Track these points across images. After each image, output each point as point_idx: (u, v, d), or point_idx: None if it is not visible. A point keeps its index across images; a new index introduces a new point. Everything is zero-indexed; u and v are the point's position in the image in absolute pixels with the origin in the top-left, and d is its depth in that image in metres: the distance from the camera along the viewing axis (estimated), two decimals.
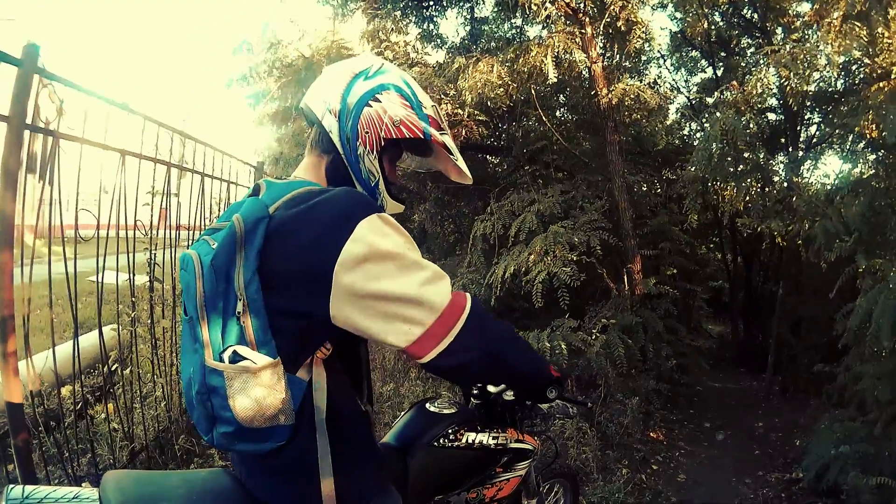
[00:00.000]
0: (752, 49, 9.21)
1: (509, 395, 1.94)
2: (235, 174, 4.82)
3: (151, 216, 3.58)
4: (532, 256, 5.77)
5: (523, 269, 5.81)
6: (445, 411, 1.95)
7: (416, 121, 1.39)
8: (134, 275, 3.42)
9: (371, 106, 1.37)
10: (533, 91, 7.05)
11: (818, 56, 5.55)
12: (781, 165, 7.86)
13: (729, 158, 5.90)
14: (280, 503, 1.33)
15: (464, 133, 6.78)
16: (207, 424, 1.21)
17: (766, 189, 6.78)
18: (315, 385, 1.26)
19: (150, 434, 3.59)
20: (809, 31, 6.45)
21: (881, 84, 4.58)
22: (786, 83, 5.97)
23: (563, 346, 5.27)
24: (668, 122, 10.05)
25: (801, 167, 7.29)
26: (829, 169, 9.59)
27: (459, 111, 6.65)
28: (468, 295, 1.32)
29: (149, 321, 3.66)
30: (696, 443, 5.85)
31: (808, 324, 8.09)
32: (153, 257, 3.63)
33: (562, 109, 9.23)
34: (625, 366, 5.55)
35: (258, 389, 1.15)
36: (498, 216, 6.56)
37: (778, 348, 8.06)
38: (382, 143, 1.38)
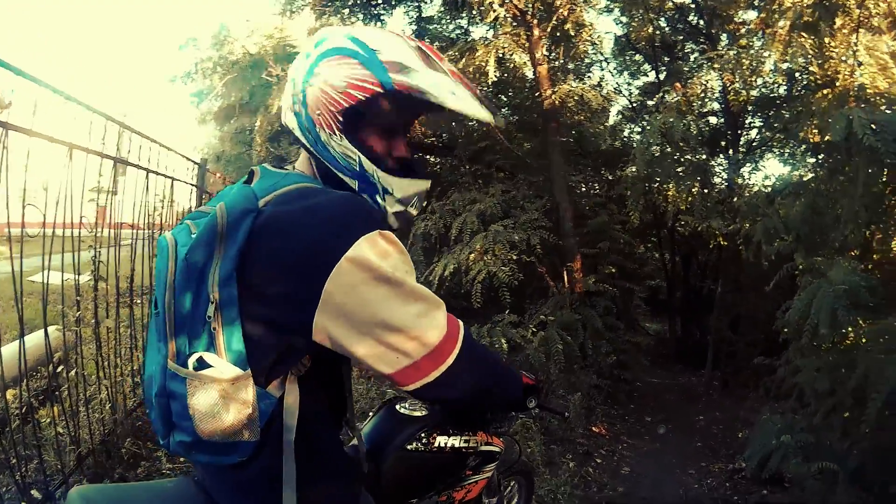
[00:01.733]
0: (696, 54, 9.47)
1: None
2: (179, 170, 4.72)
3: (97, 213, 3.46)
4: (472, 255, 5.85)
5: (463, 267, 5.88)
6: (416, 413, 1.88)
7: (365, 75, 1.13)
8: (79, 273, 3.29)
9: (312, 84, 1.17)
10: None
11: (763, 62, 5.77)
12: (722, 167, 8.11)
13: (669, 160, 6.06)
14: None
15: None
16: (165, 429, 1.11)
17: (707, 190, 6.99)
18: (286, 403, 1.13)
19: (96, 438, 3.47)
20: (754, 39, 6.66)
21: (825, 91, 4.78)
22: (729, 87, 6.18)
23: (503, 342, 5.36)
24: (610, 124, 10.27)
25: (742, 169, 7.54)
26: (768, 172, 9.94)
27: None
28: (461, 324, 1.20)
29: (93, 321, 3.54)
30: (639, 437, 5.98)
31: (746, 320, 8.39)
32: (97, 255, 3.51)
33: (504, 110, 9.34)
34: (563, 362, 5.65)
35: (222, 402, 1.03)
36: (439, 215, 6.65)
37: (717, 344, 8.31)
38: (340, 119, 1.16)
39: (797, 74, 6.69)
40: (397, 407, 1.92)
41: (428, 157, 10.19)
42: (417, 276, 6.09)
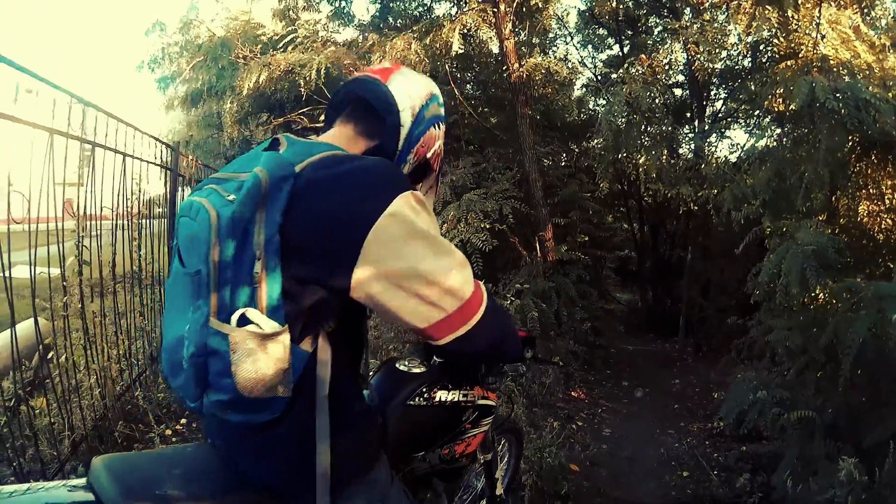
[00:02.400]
0: (660, 28, 9.61)
1: None
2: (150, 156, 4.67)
3: (78, 198, 3.45)
4: (446, 224, 5.93)
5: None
6: (415, 370, 1.96)
7: (441, 158, 1.52)
8: (64, 259, 3.29)
9: (435, 128, 1.45)
10: (446, 66, 7.15)
11: (728, 35, 5.91)
12: (688, 138, 8.28)
13: (636, 131, 6.17)
14: (269, 478, 1.27)
15: None
16: (197, 390, 1.12)
17: (675, 159, 7.14)
18: (319, 359, 1.19)
19: (88, 424, 3.48)
20: (718, 12, 6.78)
21: (789, 63, 4.91)
22: (694, 58, 6.31)
23: None
24: (575, 98, 10.39)
25: (708, 139, 7.70)
26: (734, 142, 10.12)
27: None
28: (482, 284, 1.31)
29: (79, 307, 3.54)
30: (617, 400, 6.16)
31: (716, 287, 8.63)
32: (80, 240, 3.48)
33: (470, 85, 9.40)
34: (539, 329, 5.79)
35: (263, 357, 1.07)
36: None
37: (689, 310, 8.54)
38: (422, 161, 1.45)
39: (761, 47, 6.83)
40: (397, 365, 1.99)
41: None
42: None
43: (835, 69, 4.27)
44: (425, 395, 1.87)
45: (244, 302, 1.07)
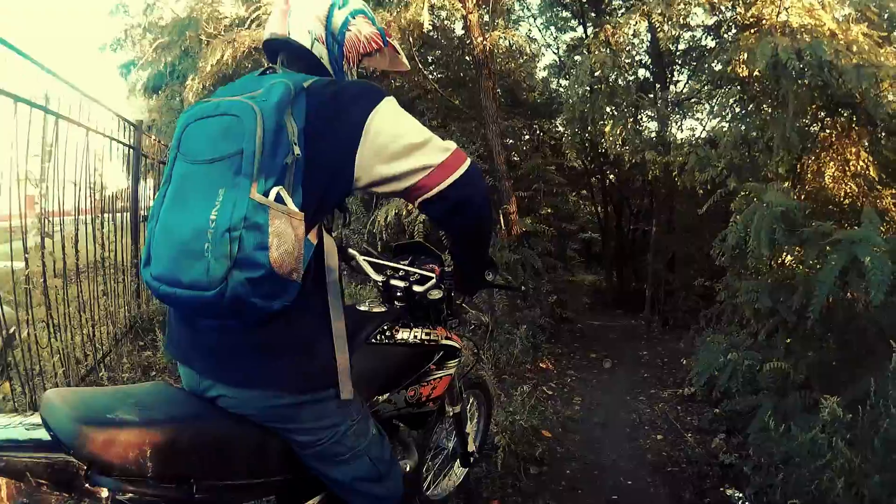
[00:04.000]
0: (623, 10, 9.63)
1: (435, 294, 2.00)
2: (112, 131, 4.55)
3: (42, 173, 3.32)
4: None
5: (403, 212, 5.96)
6: (375, 310, 1.97)
7: (378, 34, 1.63)
8: (25, 234, 3.17)
9: (350, 30, 1.56)
10: (411, 41, 7.13)
11: (691, 5, 5.94)
12: (652, 117, 8.33)
13: (600, 101, 6.20)
14: (274, 375, 1.33)
15: None
16: (223, 272, 1.17)
17: (640, 129, 7.17)
18: (326, 249, 1.39)
19: None
20: None
21: (752, 31, 4.96)
22: (659, 31, 6.34)
23: None
24: (539, 78, 10.41)
25: (671, 114, 7.76)
26: (697, 122, 10.23)
27: None
28: None
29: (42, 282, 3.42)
30: (586, 371, 6.15)
31: (681, 260, 8.73)
32: (44, 221, 3.38)
33: (434, 66, 9.43)
34: (505, 301, 5.83)
35: (292, 235, 1.21)
36: None
37: (654, 285, 8.63)
38: (360, 59, 1.63)
39: (724, 25, 6.91)
40: (357, 306, 1.98)
41: None
42: (359, 227, 6.21)
43: (798, 33, 4.30)
44: (387, 334, 1.90)
45: (274, 183, 1.21)
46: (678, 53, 8.71)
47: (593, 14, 10.07)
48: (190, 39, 7.59)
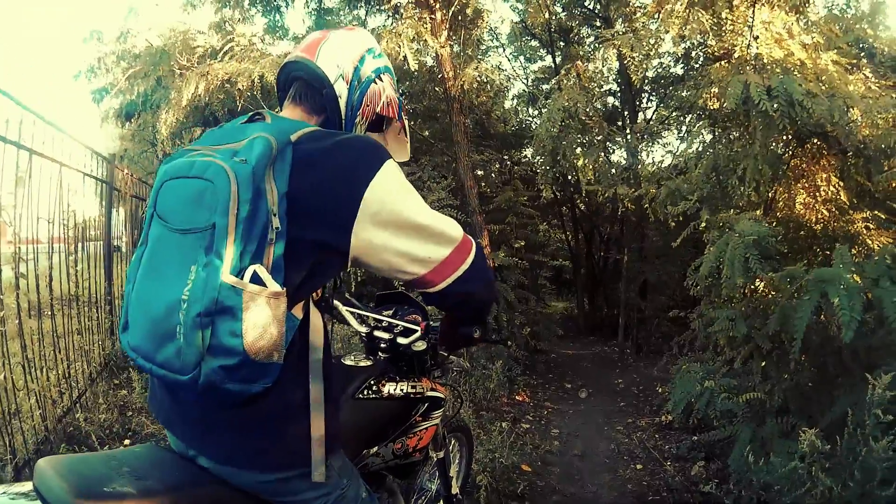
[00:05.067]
0: (592, 38, 9.82)
1: (419, 346, 2.02)
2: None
3: (15, 205, 3.27)
4: None
5: None
6: (361, 364, 1.98)
7: (397, 102, 1.57)
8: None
9: (376, 83, 1.50)
10: None
11: (661, 42, 6.06)
12: (621, 146, 8.46)
13: (572, 135, 6.28)
14: (248, 458, 1.25)
15: None
16: (195, 358, 1.08)
17: (610, 164, 7.26)
18: (313, 324, 1.28)
19: (30, 447, 3.30)
20: (651, 22, 6.95)
21: (723, 63, 5.06)
22: (629, 63, 6.44)
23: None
24: (508, 107, 10.55)
25: (641, 144, 7.89)
26: (667, 149, 10.43)
27: None
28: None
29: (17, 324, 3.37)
30: (562, 402, 6.19)
31: (653, 287, 8.82)
32: (17, 251, 3.32)
33: (404, 97, 9.48)
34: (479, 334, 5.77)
35: (271, 317, 1.09)
36: None
37: (627, 312, 8.69)
38: (374, 117, 1.53)
39: (693, 53, 7.06)
40: (343, 360, 1.99)
41: None
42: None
43: (768, 67, 4.40)
44: (374, 388, 1.90)
45: (250, 260, 1.09)
46: (648, 81, 8.88)
47: (562, 44, 10.28)
48: (163, 70, 7.58)
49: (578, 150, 6.67)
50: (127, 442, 3.89)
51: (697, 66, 7.17)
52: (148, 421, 3.96)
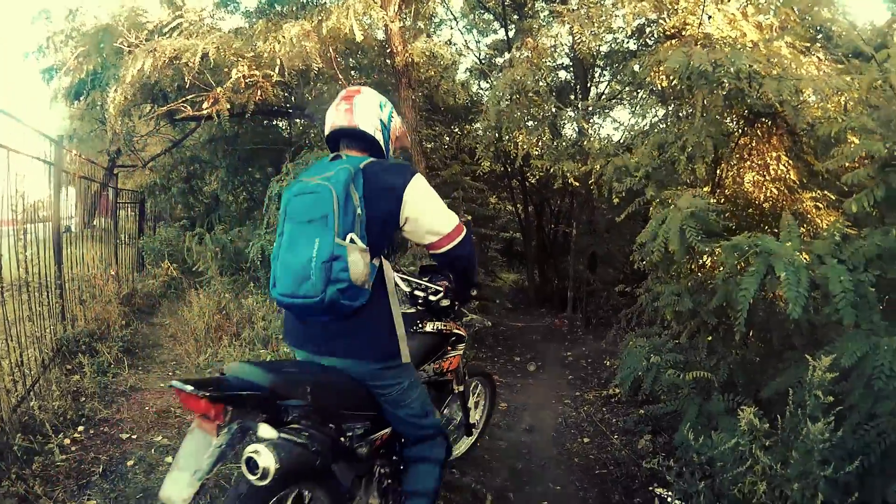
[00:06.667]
0: (546, 12, 9.72)
1: (444, 302, 2.91)
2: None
3: None
4: None
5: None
6: (411, 311, 2.93)
7: (405, 127, 2.60)
8: None
9: (393, 121, 2.47)
10: (332, 52, 7.05)
11: (613, 17, 6.03)
12: (572, 119, 8.44)
13: (519, 113, 6.26)
14: (361, 349, 2.21)
15: (259, 94, 7.09)
16: (322, 286, 1.99)
17: (557, 140, 7.23)
18: (385, 268, 2.26)
19: None
20: None
21: (672, 42, 5.04)
22: (579, 40, 6.40)
23: None
24: (459, 81, 10.45)
25: (591, 119, 7.88)
26: (617, 123, 10.42)
27: (256, 73, 6.88)
28: None
29: None
30: (511, 375, 6.23)
31: (602, 260, 8.90)
32: None
33: (355, 71, 9.37)
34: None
35: (361, 261, 2.05)
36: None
37: (576, 285, 8.77)
38: (395, 140, 2.50)
39: (647, 29, 7.03)
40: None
41: (276, 121, 10.31)
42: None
43: (717, 45, 4.40)
44: (420, 326, 2.93)
45: (348, 231, 2.04)
46: (600, 56, 8.86)
47: (516, 17, 10.17)
48: (110, 48, 7.34)
49: (531, 123, 6.65)
50: (80, 429, 3.88)
51: (651, 42, 7.14)
52: (101, 406, 4.19)
